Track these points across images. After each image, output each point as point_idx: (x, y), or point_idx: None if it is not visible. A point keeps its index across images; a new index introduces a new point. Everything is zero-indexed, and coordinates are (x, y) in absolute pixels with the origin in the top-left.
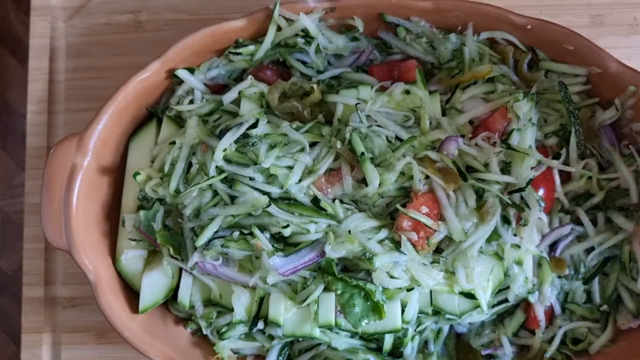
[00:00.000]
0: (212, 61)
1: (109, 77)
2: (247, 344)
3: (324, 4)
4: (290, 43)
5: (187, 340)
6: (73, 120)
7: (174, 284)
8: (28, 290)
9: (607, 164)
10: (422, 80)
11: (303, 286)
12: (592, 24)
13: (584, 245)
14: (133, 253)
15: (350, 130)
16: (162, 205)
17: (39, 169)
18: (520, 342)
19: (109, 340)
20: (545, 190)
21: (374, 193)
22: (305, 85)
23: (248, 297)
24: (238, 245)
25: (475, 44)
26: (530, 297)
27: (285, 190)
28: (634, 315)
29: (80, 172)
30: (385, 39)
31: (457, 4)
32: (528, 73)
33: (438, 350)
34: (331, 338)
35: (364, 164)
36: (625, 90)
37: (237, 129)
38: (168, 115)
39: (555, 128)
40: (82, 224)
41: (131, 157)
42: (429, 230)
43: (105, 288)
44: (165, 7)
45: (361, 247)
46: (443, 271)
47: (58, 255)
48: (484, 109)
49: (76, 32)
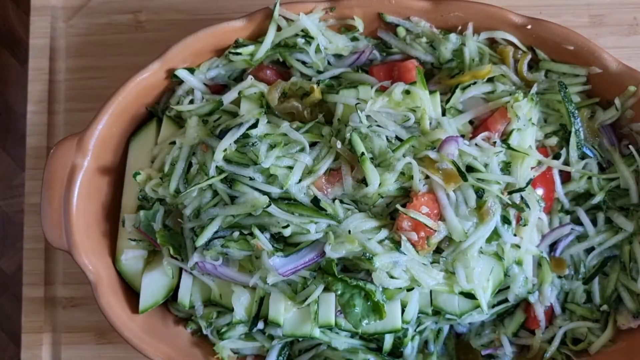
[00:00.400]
0: (212, 61)
1: (109, 77)
2: (247, 344)
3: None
4: (290, 43)
5: (187, 340)
6: (73, 120)
7: (174, 284)
8: (28, 290)
9: (607, 164)
10: (422, 80)
11: (303, 286)
12: (592, 24)
13: (584, 245)
14: (133, 253)
15: (350, 130)
16: (162, 205)
17: (39, 169)
18: (520, 342)
19: (109, 340)
20: (545, 190)
21: (374, 193)
22: (305, 85)
23: (248, 297)
24: (238, 245)
25: (475, 44)
26: (530, 297)
27: (285, 190)
28: (634, 315)
29: (80, 172)
30: (385, 39)
31: (457, 4)
32: (528, 73)
33: (438, 350)
34: (331, 338)
35: (364, 164)
36: (625, 90)
37: (237, 129)
38: (168, 115)
39: (555, 128)
40: (82, 224)
41: (131, 157)
42: (429, 230)
43: (105, 288)
44: (165, 7)
45: (361, 247)
46: (443, 271)
47: (58, 255)
48: (484, 109)
49: (76, 32)
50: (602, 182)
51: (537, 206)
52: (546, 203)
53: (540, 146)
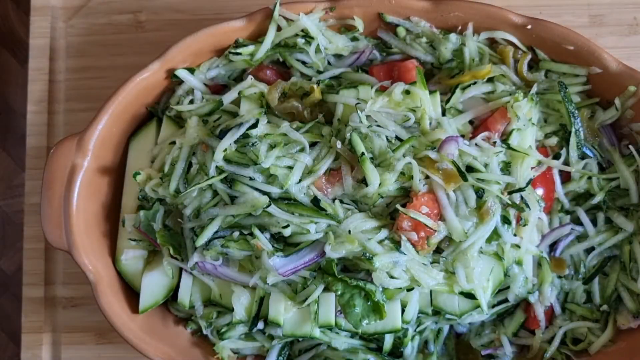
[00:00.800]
0: (212, 61)
1: (109, 77)
2: (247, 344)
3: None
4: (290, 43)
5: (187, 340)
6: (73, 120)
7: (174, 284)
8: (28, 290)
9: (607, 164)
10: (422, 80)
11: (303, 286)
12: (592, 24)
13: (584, 245)
14: (133, 253)
15: (350, 130)
16: (162, 205)
17: (39, 169)
18: (520, 342)
19: (109, 340)
20: (545, 190)
21: (374, 193)
22: (305, 85)
23: (248, 297)
24: (238, 245)
25: (475, 44)
26: (530, 297)
27: (285, 190)
28: (634, 315)
29: (80, 172)
30: (385, 39)
31: (457, 4)
32: (528, 73)
33: (438, 350)
34: (331, 338)
35: (364, 164)
36: (625, 90)
37: (237, 129)
38: (168, 115)
39: (555, 128)
40: (82, 224)
41: (131, 157)
42: (429, 230)
43: (105, 288)
44: (165, 7)
45: (361, 247)
46: (443, 271)
47: (58, 255)
48: (484, 109)
49: (76, 32)
50: (602, 182)
51: (537, 206)
52: (546, 203)
53: (540, 146)
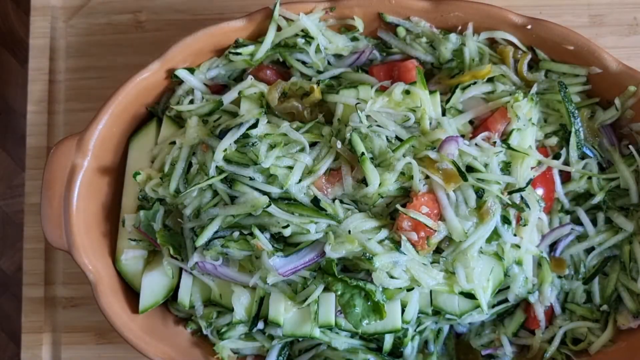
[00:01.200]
0: (212, 61)
1: (109, 77)
2: (247, 344)
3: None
4: (290, 43)
5: (187, 340)
6: (73, 120)
7: (174, 284)
8: (28, 290)
9: (607, 164)
10: (422, 80)
11: (303, 286)
12: (592, 24)
13: (584, 245)
14: (133, 253)
15: (350, 130)
16: (162, 205)
17: (39, 169)
18: (520, 342)
19: (109, 340)
20: (545, 190)
21: (374, 193)
22: (305, 85)
23: (248, 297)
24: (238, 245)
25: (475, 44)
26: (530, 297)
27: (285, 190)
28: (634, 315)
29: (80, 172)
30: (385, 39)
31: (457, 4)
32: (528, 73)
33: (438, 350)
34: (331, 338)
35: (364, 164)
36: (625, 90)
37: (237, 129)
38: (168, 115)
39: (555, 128)
40: (82, 224)
41: (131, 157)
42: (429, 230)
43: (105, 288)
44: (165, 7)
45: (361, 247)
46: (443, 271)
47: (58, 255)
48: (484, 109)
49: (76, 32)
50: (602, 182)
51: (537, 206)
52: (546, 203)
53: (540, 146)
